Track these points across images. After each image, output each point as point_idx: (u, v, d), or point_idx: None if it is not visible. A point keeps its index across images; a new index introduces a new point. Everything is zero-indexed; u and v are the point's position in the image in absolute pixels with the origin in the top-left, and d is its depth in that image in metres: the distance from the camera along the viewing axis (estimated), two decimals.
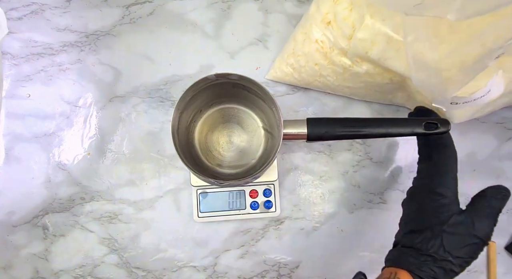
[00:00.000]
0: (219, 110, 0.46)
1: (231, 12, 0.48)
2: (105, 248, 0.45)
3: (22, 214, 0.45)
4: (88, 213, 0.45)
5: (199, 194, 0.44)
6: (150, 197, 0.46)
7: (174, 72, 0.47)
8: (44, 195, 0.45)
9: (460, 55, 0.28)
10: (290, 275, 0.46)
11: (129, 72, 0.47)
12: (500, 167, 0.48)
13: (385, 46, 0.33)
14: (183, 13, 0.48)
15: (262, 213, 0.45)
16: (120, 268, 0.45)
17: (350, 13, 0.35)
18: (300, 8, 0.49)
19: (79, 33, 0.47)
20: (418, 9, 0.23)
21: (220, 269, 0.46)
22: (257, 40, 0.48)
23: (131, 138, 0.47)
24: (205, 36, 0.48)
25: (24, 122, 0.46)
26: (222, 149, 0.46)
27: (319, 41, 0.39)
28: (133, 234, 0.45)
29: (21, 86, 0.46)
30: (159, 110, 0.47)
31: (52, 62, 0.47)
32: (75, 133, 0.47)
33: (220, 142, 0.46)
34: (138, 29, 0.48)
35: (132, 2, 0.48)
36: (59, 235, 0.45)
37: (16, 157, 0.46)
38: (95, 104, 0.47)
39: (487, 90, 0.34)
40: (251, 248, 0.46)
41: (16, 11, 0.47)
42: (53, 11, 0.47)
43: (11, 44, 0.47)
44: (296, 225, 0.47)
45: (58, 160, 0.46)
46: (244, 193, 0.45)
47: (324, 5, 0.38)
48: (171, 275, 0.45)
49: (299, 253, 0.46)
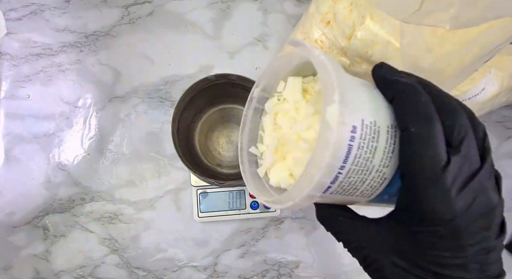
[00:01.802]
0: (219, 110, 0.46)
1: (230, 12, 0.48)
2: (105, 249, 0.45)
3: (22, 214, 0.45)
4: (88, 213, 0.45)
5: (199, 194, 0.44)
6: (150, 197, 0.46)
7: (174, 72, 0.47)
8: (44, 195, 0.45)
9: (453, 59, 0.28)
10: (290, 275, 0.46)
11: (129, 73, 0.47)
12: (500, 166, 0.48)
13: (385, 46, 0.34)
14: (182, 13, 0.48)
15: (262, 213, 0.45)
16: (121, 268, 0.45)
17: (350, 13, 0.35)
18: (300, 7, 0.49)
19: (78, 34, 0.47)
20: (415, 17, 0.23)
21: (221, 268, 0.46)
22: (256, 40, 0.48)
23: (131, 139, 0.47)
24: (205, 36, 0.48)
25: (23, 122, 0.46)
26: (222, 149, 0.46)
27: (319, 41, 0.39)
28: (134, 234, 0.45)
29: (20, 87, 0.46)
30: (159, 110, 0.47)
31: (51, 63, 0.47)
32: (75, 133, 0.47)
33: (220, 142, 0.46)
34: (137, 29, 0.48)
35: (131, 3, 0.48)
36: (59, 235, 0.45)
37: (15, 158, 0.46)
38: (94, 105, 0.47)
39: (481, 88, 0.35)
40: (251, 247, 0.46)
41: (15, 11, 0.47)
42: (52, 11, 0.47)
43: (10, 45, 0.47)
44: (296, 224, 0.47)
45: (58, 160, 0.46)
46: (244, 193, 0.45)
47: (324, 5, 0.38)
48: (172, 275, 0.45)
49: (299, 253, 0.46)
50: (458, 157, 0.16)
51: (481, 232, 0.16)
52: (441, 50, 0.28)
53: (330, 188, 0.16)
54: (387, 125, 0.16)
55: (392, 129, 0.16)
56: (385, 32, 0.32)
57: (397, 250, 0.18)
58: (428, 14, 0.22)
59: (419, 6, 0.22)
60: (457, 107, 0.17)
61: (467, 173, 0.16)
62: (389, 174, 0.17)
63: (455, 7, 0.21)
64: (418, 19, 0.23)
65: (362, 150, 0.15)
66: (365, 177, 0.16)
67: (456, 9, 0.21)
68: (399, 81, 0.17)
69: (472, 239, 0.16)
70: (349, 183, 0.16)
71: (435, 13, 0.22)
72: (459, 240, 0.16)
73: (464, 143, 0.16)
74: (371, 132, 0.16)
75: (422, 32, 0.28)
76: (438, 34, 0.28)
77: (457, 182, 0.16)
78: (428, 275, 0.17)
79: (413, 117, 0.16)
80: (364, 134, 0.15)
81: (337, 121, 0.15)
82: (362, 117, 0.15)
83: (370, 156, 0.16)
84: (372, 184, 0.17)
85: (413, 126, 0.16)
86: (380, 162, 0.16)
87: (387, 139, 0.16)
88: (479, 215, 0.16)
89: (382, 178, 0.17)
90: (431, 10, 0.22)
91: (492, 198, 0.16)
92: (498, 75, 0.36)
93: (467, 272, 0.16)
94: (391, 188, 0.17)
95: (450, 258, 0.16)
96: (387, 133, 0.16)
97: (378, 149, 0.16)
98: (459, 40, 0.27)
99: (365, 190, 0.17)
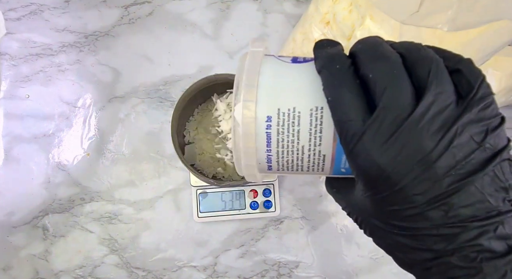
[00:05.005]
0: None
1: (230, 12, 0.48)
2: (105, 249, 0.45)
3: (22, 215, 0.45)
4: (88, 213, 0.46)
5: (198, 194, 0.44)
6: (150, 197, 0.46)
7: (174, 73, 0.47)
8: (43, 195, 0.45)
9: None
10: (290, 275, 0.46)
11: (128, 73, 0.47)
12: None
13: None
14: (182, 14, 0.48)
15: (262, 213, 0.45)
16: (120, 268, 0.45)
17: (350, 14, 0.35)
18: (299, 8, 0.49)
19: (78, 34, 0.47)
20: (414, 19, 0.23)
21: (220, 268, 0.46)
22: None
23: (130, 139, 0.47)
24: (204, 36, 0.48)
25: (23, 122, 0.46)
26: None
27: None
28: (133, 234, 0.46)
29: (20, 87, 0.46)
30: (159, 110, 0.47)
31: (51, 63, 0.47)
32: (74, 133, 0.47)
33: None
34: (137, 30, 0.48)
35: (131, 3, 0.48)
36: (59, 235, 0.45)
37: (15, 158, 0.46)
38: (94, 105, 0.47)
39: None
40: (251, 247, 0.46)
41: (14, 11, 0.47)
42: (51, 11, 0.47)
43: (9, 45, 0.47)
44: (295, 224, 0.47)
45: (57, 160, 0.46)
46: (244, 193, 0.45)
47: (323, 5, 0.38)
48: (171, 275, 0.45)
49: (298, 253, 0.46)
50: (379, 108, 0.15)
51: (424, 181, 0.15)
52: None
53: (271, 166, 0.19)
54: (310, 108, 0.17)
55: (318, 110, 0.17)
56: (384, 33, 0.32)
57: (370, 211, 0.18)
58: (427, 16, 0.22)
59: (418, 8, 0.22)
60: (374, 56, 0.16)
61: (396, 120, 0.14)
62: (327, 150, 0.18)
63: (452, 9, 0.21)
64: (417, 20, 0.23)
65: (283, 135, 0.18)
66: (300, 155, 0.18)
67: (453, 11, 0.21)
68: (327, 52, 0.17)
69: (415, 189, 0.15)
70: (287, 161, 0.19)
71: (434, 15, 0.22)
72: (402, 191, 0.15)
73: (386, 92, 0.15)
74: (290, 118, 0.17)
75: (421, 32, 0.28)
76: (437, 34, 0.28)
77: (380, 133, 0.15)
78: (401, 230, 0.16)
79: (329, 87, 0.16)
80: (281, 121, 0.17)
81: (243, 117, 0.17)
82: (278, 106, 0.17)
83: (295, 138, 0.18)
84: (314, 161, 0.18)
85: (328, 96, 0.16)
86: (309, 142, 0.18)
87: (311, 121, 0.17)
88: (415, 164, 0.15)
89: (320, 155, 0.18)
90: (430, 12, 0.22)
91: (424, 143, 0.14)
92: (496, 75, 0.36)
93: (429, 220, 0.15)
94: (339, 162, 0.19)
95: (403, 210, 0.15)
96: (310, 116, 0.17)
97: (301, 131, 0.17)
98: (459, 40, 0.27)
99: (312, 166, 0.19)
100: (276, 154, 0.18)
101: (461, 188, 0.15)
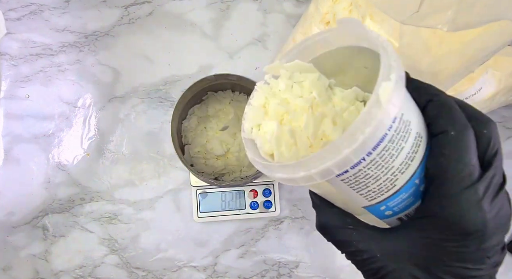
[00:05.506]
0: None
1: (230, 12, 0.48)
2: (105, 249, 0.45)
3: (22, 215, 0.45)
4: (88, 213, 0.46)
5: (198, 194, 0.44)
6: (150, 198, 0.46)
7: (173, 73, 0.47)
8: (43, 195, 0.45)
9: (451, 61, 0.28)
10: (290, 275, 0.46)
11: (128, 73, 0.47)
12: None
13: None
14: (182, 13, 0.48)
15: (262, 213, 0.45)
16: (120, 268, 0.45)
17: (350, 14, 0.35)
18: (299, 8, 0.49)
19: (78, 34, 0.47)
20: (413, 19, 0.23)
21: (220, 269, 0.46)
22: (256, 40, 0.48)
23: (130, 139, 0.47)
24: (204, 36, 0.48)
25: (23, 122, 0.46)
26: None
27: None
28: (133, 235, 0.46)
29: (20, 87, 0.46)
30: (159, 110, 0.47)
31: (51, 63, 0.47)
32: (74, 133, 0.47)
33: None
34: (137, 30, 0.48)
35: (131, 3, 0.48)
36: (59, 235, 0.45)
37: (15, 158, 0.46)
38: (94, 105, 0.47)
39: (478, 88, 0.35)
40: (251, 247, 0.46)
41: (14, 11, 0.47)
42: (51, 11, 0.47)
43: (9, 45, 0.47)
44: (295, 224, 0.47)
45: (57, 160, 0.46)
46: (244, 193, 0.45)
47: (323, 5, 0.38)
48: (171, 275, 0.45)
49: (299, 253, 0.46)
50: (493, 168, 0.16)
51: (498, 245, 0.16)
52: (439, 50, 0.28)
53: (346, 173, 0.15)
54: (416, 131, 0.16)
55: (419, 137, 0.16)
56: (385, 33, 0.32)
57: (415, 260, 0.17)
58: (427, 16, 0.22)
59: (418, 8, 0.22)
60: (489, 118, 0.17)
61: (497, 184, 0.16)
62: (399, 182, 0.16)
63: (452, 9, 0.21)
64: (417, 20, 0.23)
65: (392, 144, 0.15)
66: (381, 175, 0.16)
67: (453, 11, 0.21)
68: (433, 87, 0.17)
69: (490, 252, 0.16)
70: (365, 175, 0.16)
71: (434, 15, 0.22)
72: (483, 251, 0.16)
73: (498, 155, 0.16)
74: (405, 129, 0.15)
75: (421, 32, 0.28)
76: (437, 34, 0.28)
77: (489, 192, 0.15)
78: None
79: (452, 121, 0.16)
80: (399, 128, 0.15)
81: (387, 100, 0.14)
82: (402, 111, 0.15)
83: (396, 153, 0.15)
84: (382, 186, 0.16)
85: (452, 130, 0.15)
86: (399, 166, 0.16)
87: (413, 145, 0.16)
88: (500, 227, 0.16)
89: (392, 184, 0.16)
90: (429, 12, 0.22)
91: (509, 209, 0.17)
92: (495, 75, 0.36)
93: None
94: (389, 201, 0.17)
95: (472, 270, 0.16)
96: (414, 138, 0.16)
97: (403, 151, 0.15)
98: (459, 40, 0.27)
99: (372, 190, 0.16)
100: (368, 162, 0.15)
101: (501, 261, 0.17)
